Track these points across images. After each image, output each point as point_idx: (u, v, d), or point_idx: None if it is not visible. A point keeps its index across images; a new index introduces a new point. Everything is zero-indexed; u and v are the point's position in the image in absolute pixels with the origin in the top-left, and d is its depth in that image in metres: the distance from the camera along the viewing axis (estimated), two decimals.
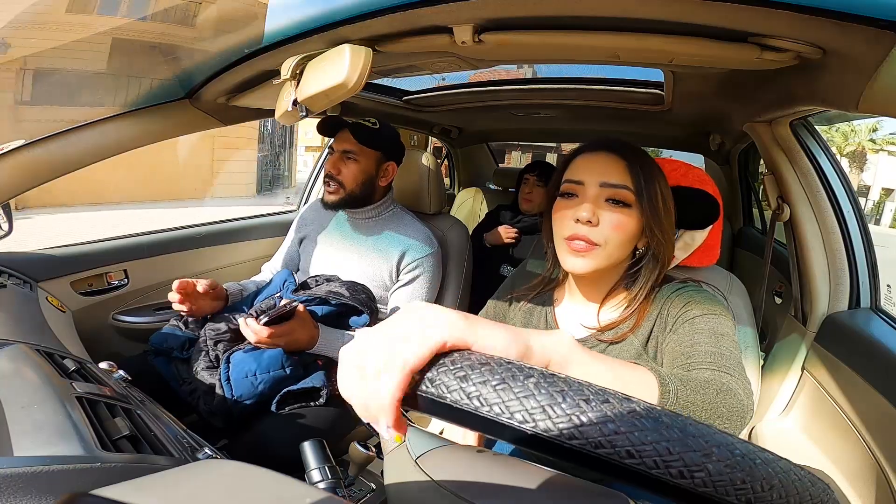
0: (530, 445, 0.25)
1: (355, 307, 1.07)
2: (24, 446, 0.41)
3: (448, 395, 0.27)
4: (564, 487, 0.40)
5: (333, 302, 1.07)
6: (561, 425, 0.24)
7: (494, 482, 0.40)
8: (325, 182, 1.21)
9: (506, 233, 1.87)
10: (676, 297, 0.68)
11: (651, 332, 0.69)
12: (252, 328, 0.94)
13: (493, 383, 0.26)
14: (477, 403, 0.26)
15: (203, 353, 1.03)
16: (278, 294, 1.15)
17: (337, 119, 1.25)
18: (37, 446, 0.41)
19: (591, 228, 0.66)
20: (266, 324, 0.93)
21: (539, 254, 1.73)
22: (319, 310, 1.08)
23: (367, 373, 0.30)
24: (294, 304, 0.97)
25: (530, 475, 0.40)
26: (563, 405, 0.25)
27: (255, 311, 0.95)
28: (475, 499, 0.38)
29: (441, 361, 0.28)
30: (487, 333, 0.32)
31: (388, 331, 0.31)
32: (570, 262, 0.68)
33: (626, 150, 0.68)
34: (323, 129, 1.25)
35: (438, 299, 1.29)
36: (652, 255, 0.70)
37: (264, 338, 0.95)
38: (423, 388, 0.28)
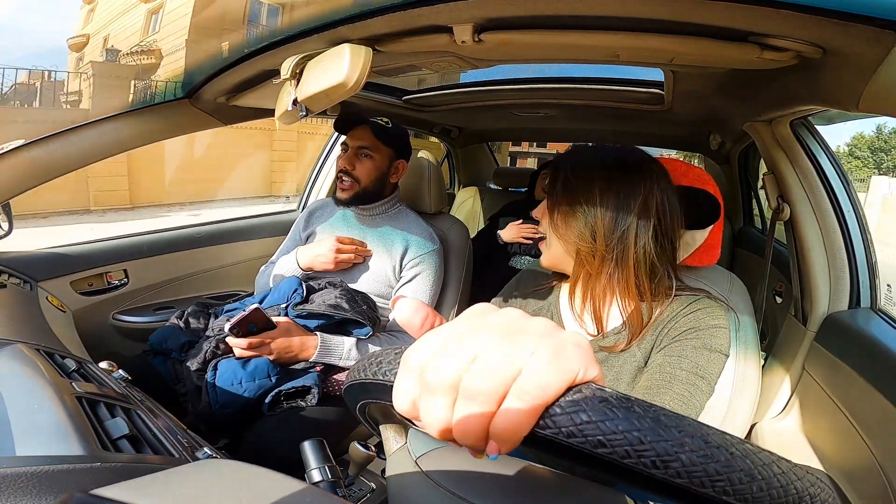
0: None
1: (356, 320, 1.08)
2: (24, 446, 0.41)
3: (580, 437, 0.23)
4: (563, 487, 0.40)
5: (337, 318, 1.08)
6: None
7: (494, 482, 0.40)
8: (338, 179, 1.22)
9: (522, 231, 1.77)
10: (684, 317, 0.67)
11: (651, 348, 0.68)
12: (230, 342, 0.98)
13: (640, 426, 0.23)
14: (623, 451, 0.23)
15: (199, 353, 1.03)
16: (284, 305, 1.15)
17: (356, 115, 1.27)
18: (37, 446, 0.41)
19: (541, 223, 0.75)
20: (235, 332, 0.95)
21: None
22: (311, 323, 1.08)
23: (476, 390, 0.23)
24: (254, 307, 0.97)
25: (529, 475, 0.41)
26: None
27: (231, 322, 0.96)
28: (475, 499, 0.38)
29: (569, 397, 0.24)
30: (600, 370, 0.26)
31: (508, 346, 0.24)
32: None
33: (564, 156, 0.75)
34: (340, 126, 1.27)
35: (438, 299, 1.29)
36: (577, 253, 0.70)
37: (243, 347, 0.96)
38: (547, 424, 0.24)
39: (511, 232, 1.80)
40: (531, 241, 1.76)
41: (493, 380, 0.23)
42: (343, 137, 1.26)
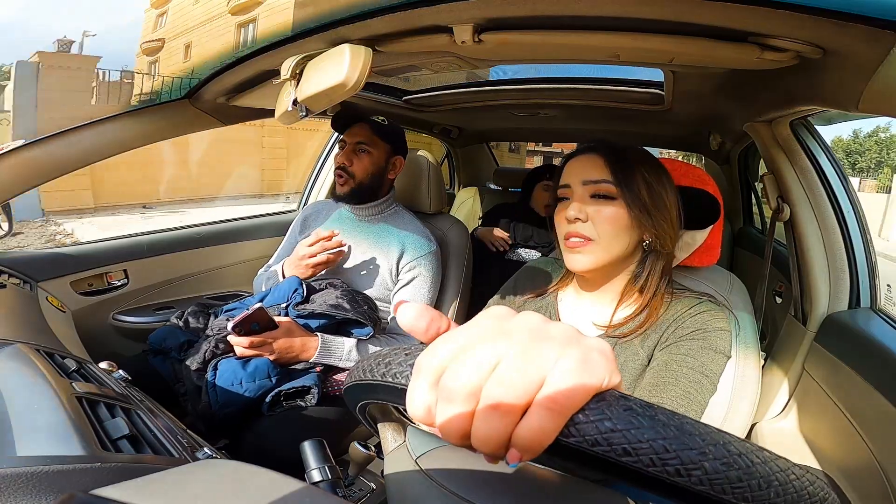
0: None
1: (357, 320, 1.08)
2: (24, 446, 0.41)
3: (605, 446, 0.23)
4: (564, 487, 0.40)
5: (338, 318, 1.08)
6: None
7: (495, 481, 0.40)
8: (336, 174, 1.22)
9: (498, 236, 1.83)
10: (689, 318, 0.68)
11: (655, 346, 0.69)
12: (231, 340, 0.98)
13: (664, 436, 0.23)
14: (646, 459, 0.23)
15: (198, 352, 1.03)
16: (284, 305, 1.16)
17: (353, 112, 1.27)
18: (37, 446, 0.41)
19: (582, 225, 0.69)
20: (237, 331, 0.95)
21: (545, 251, 1.73)
22: (313, 323, 1.08)
23: (499, 399, 0.23)
24: (258, 307, 0.97)
25: (530, 475, 0.41)
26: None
27: (234, 321, 0.96)
28: (476, 498, 0.38)
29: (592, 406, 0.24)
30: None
31: (531, 352, 0.23)
32: (571, 259, 0.70)
33: (604, 147, 0.71)
34: (337, 125, 1.28)
35: (438, 299, 1.29)
36: (652, 246, 0.71)
37: (245, 346, 0.96)
38: (571, 432, 0.23)
39: (486, 234, 1.84)
40: (503, 247, 1.81)
41: (517, 388, 0.22)
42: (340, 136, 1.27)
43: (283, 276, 1.20)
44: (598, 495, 0.39)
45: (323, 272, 1.25)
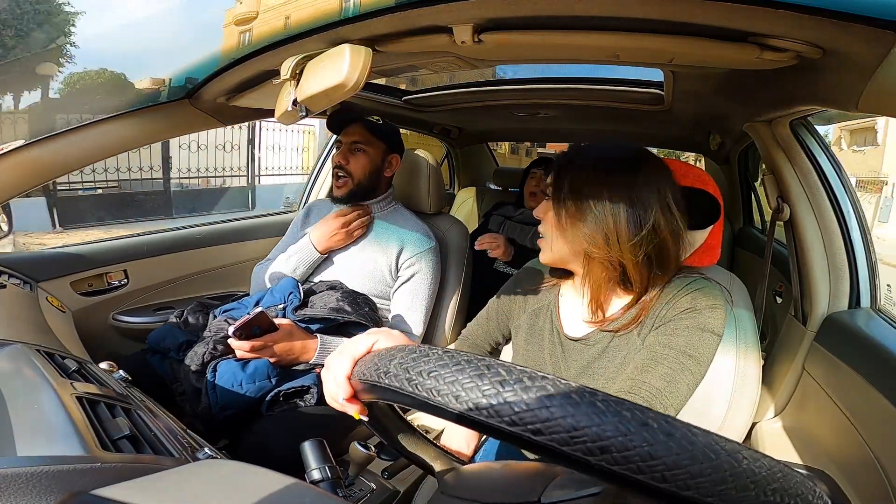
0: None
1: (360, 322, 1.08)
2: (24, 446, 0.41)
3: (367, 376, 0.36)
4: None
5: (342, 321, 1.08)
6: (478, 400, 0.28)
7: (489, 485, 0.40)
8: (334, 176, 1.23)
9: (482, 243, 1.63)
10: (681, 297, 0.68)
11: (649, 331, 0.69)
12: (232, 344, 0.97)
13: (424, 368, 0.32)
14: (409, 387, 0.31)
15: (197, 353, 1.02)
16: (282, 306, 1.15)
17: (347, 112, 1.27)
18: (37, 446, 0.41)
19: (542, 224, 0.75)
20: (238, 335, 0.94)
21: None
22: (314, 325, 1.08)
23: (331, 366, 0.44)
24: (259, 311, 0.96)
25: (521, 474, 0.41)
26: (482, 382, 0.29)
27: (235, 325, 0.96)
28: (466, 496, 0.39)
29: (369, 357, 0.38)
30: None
31: (347, 344, 0.45)
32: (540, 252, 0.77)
33: (564, 155, 0.74)
34: (332, 125, 1.28)
35: (437, 299, 1.29)
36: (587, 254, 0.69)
37: (246, 350, 0.96)
38: (360, 376, 0.38)
39: (481, 242, 1.65)
40: (498, 254, 1.65)
41: (337, 355, 0.43)
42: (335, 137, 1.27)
43: (312, 245, 1.21)
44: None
45: (321, 268, 1.25)
